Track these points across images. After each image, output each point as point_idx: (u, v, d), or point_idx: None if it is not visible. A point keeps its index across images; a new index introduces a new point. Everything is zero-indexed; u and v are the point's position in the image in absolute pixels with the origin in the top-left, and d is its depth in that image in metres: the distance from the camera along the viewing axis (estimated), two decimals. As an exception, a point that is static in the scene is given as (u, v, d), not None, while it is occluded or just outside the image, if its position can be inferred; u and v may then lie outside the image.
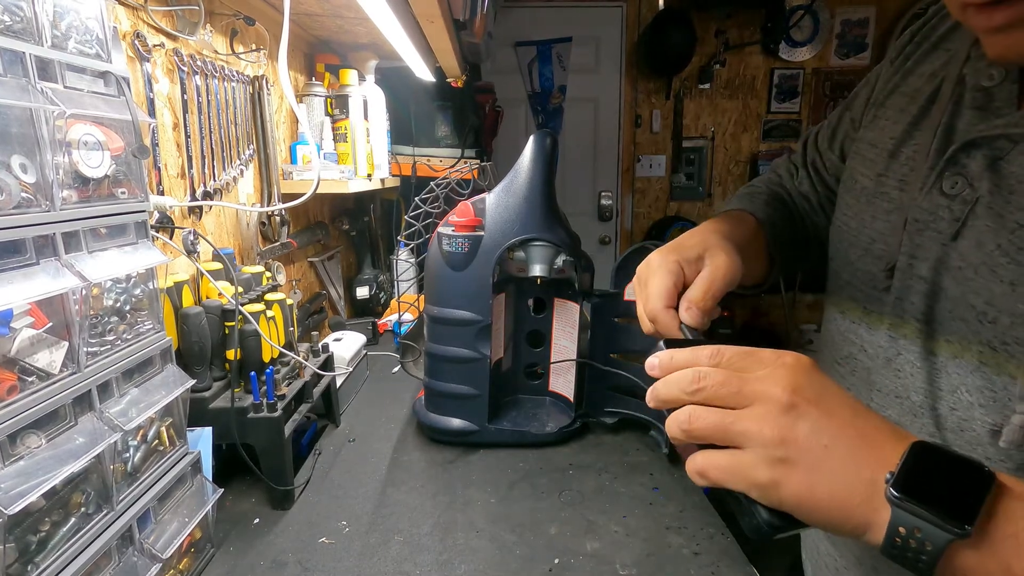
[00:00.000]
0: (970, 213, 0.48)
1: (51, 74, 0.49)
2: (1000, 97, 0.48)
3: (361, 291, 1.68)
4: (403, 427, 1.01)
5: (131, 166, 0.59)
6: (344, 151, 1.39)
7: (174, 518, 0.62)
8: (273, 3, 1.17)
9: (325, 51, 1.54)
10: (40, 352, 0.48)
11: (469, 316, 0.88)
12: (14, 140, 0.45)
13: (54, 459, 0.46)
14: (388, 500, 0.79)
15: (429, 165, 1.80)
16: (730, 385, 0.36)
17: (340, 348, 1.12)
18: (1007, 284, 0.44)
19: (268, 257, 1.17)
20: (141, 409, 0.56)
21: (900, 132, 0.57)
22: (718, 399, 0.36)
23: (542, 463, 0.88)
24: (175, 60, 0.88)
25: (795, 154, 0.77)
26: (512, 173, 0.86)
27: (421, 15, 1.08)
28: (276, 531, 0.73)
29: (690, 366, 0.38)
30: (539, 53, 2.99)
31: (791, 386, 0.35)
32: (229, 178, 1.04)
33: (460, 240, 0.86)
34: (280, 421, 0.77)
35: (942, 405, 0.48)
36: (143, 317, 0.61)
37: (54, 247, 0.49)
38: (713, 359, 0.38)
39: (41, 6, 0.48)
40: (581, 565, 0.66)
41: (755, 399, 0.35)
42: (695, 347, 0.39)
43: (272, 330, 0.84)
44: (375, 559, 0.68)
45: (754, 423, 0.35)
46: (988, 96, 0.49)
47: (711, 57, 3.02)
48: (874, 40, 3.05)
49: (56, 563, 0.47)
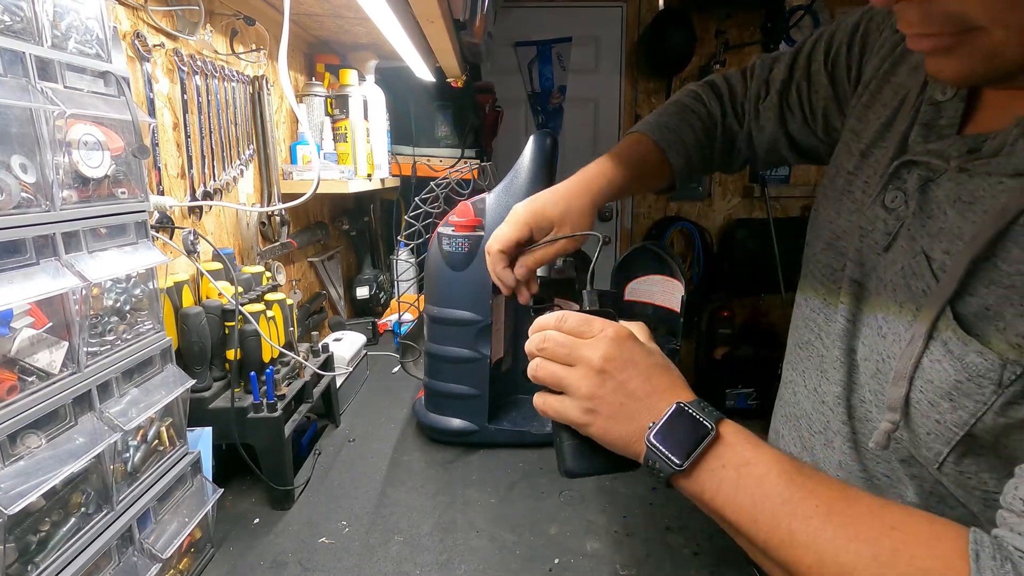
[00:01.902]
0: (900, 230, 0.50)
1: (51, 74, 0.49)
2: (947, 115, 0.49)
3: (361, 291, 1.68)
4: (403, 427, 1.01)
5: (131, 166, 0.59)
6: (344, 151, 1.39)
7: (174, 518, 0.62)
8: (273, 3, 1.17)
9: (325, 51, 1.54)
10: (40, 352, 0.48)
11: (469, 316, 0.88)
12: (14, 140, 0.45)
13: (54, 459, 0.46)
14: (388, 500, 0.79)
15: (429, 165, 1.80)
16: (564, 347, 0.48)
17: (340, 348, 1.12)
18: (897, 305, 0.49)
19: (268, 257, 1.17)
20: (141, 409, 0.56)
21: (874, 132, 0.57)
22: (556, 357, 0.49)
23: (542, 463, 0.88)
24: (175, 60, 0.88)
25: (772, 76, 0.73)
26: (512, 173, 0.86)
27: (421, 15, 1.08)
28: (276, 531, 0.73)
29: (542, 329, 0.51)
30: (539, 53, 2.99)
31: (605, 355, 0.47)
32: (229, 178, 1.04)
33: (460, 240, 0.86)
34: (280, 421, 0.77)
35: (854, 398, 0.54)
36: (143, 317, 0.61)
37: (54, 247, 0.49)
38: (557, 324, 0.50)
39: (41, 6, 0.48)
40: (581, 565, 0.66)
41: (579, 361, 0.47)
42: (550, 314, 0.52)
43: (272, 330, 0.84)
44: (375, 559, 0.68)
45: (575, 380, 0.47)
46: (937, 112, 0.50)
47: (711, 57, 3.02)
48: (874, 40, 3.05)
49: (56, 563, 0.47)
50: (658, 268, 0.94)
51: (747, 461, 0.42)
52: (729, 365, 2.98)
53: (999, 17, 0.36)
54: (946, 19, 0.38)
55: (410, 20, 1.10)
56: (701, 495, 0.43)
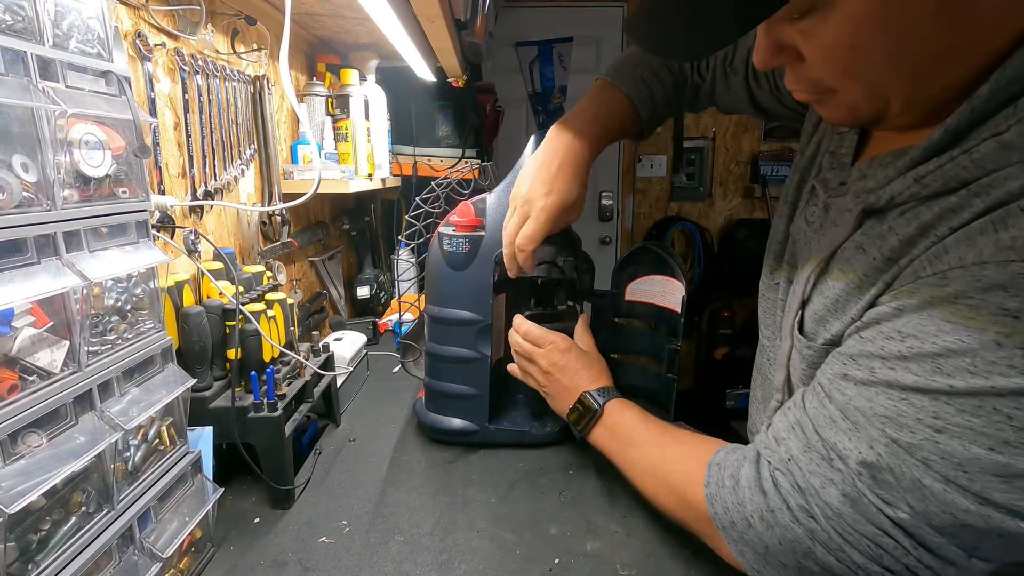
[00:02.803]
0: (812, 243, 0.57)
1: (52, 73, 0.49)
2: (846, 144, 0.57)
3: (362, 291, 1.68)
4: (403, 427, 1.01)
5: (132, 165, 0.59)
6: (345, 151, 1.39)
7: (174, 517, 0.62)
8: (274, 3, 1.17)
9: (326, 51, 1.54)
10: (41, 351, 0.48)
11: (469, 316, 0.88)
12: (15, 139, 0.45)
13: (55, 458, 0.46)
14: (388, 500, 0.80)
15: (430, 165, 1.80)
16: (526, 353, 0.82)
17: (340, 348, 1.12)
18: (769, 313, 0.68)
19: (269, 257, 1.17)
20: (142, 408, 0.56)
21: (809, 152, 0.64)
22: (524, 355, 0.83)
23: (542, 463, 0.88)
24: (176, 60, 0.88)
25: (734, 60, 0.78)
26: (513, 173, 0.86)
27: (422, 15, 1.08)
28: (276, 531, 0.73)
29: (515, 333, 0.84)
30: (540, 53, 2.99)
31: (550, 362, 0.79)
32: (230, 177, 1.04)
33: (461, 240, 0.86)
34: (280, 421, 0.77)
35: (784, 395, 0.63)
36: (144, 316, 0.61)
37: (55, 246, 0.49)
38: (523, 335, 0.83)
39: (43, 5, 0.48)
40: (581, 565, 0.66)
41: (536, 361, 0.80)
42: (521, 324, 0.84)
43: (273, 330, 0.84)
44: (375, 559, 0.68)
45: (534, 373, 0.82)
46: (841, 141, 0.58)
47: (712, 57, 3.01)
48: (875, 40, 3.05)
49: (56, 562, 0.48)
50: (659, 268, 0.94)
51: (616, 423, 0.71)
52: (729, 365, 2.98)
53: (844, 84, 0.44)
54: (810, 83, 0.46)
55: (411, 20, 1.10)
56: (599, 447, 0.73)
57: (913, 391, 0.38)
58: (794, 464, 0.46)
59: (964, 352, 0.36)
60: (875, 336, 0.42)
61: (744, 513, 0.48)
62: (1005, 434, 0.34)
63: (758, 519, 0.47)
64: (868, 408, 0.41)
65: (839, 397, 0.44)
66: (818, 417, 0.45)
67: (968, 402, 0.36)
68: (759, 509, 0.47)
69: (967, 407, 0.36)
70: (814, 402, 0.47)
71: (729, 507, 0.50)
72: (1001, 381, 0.34)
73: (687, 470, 0.57)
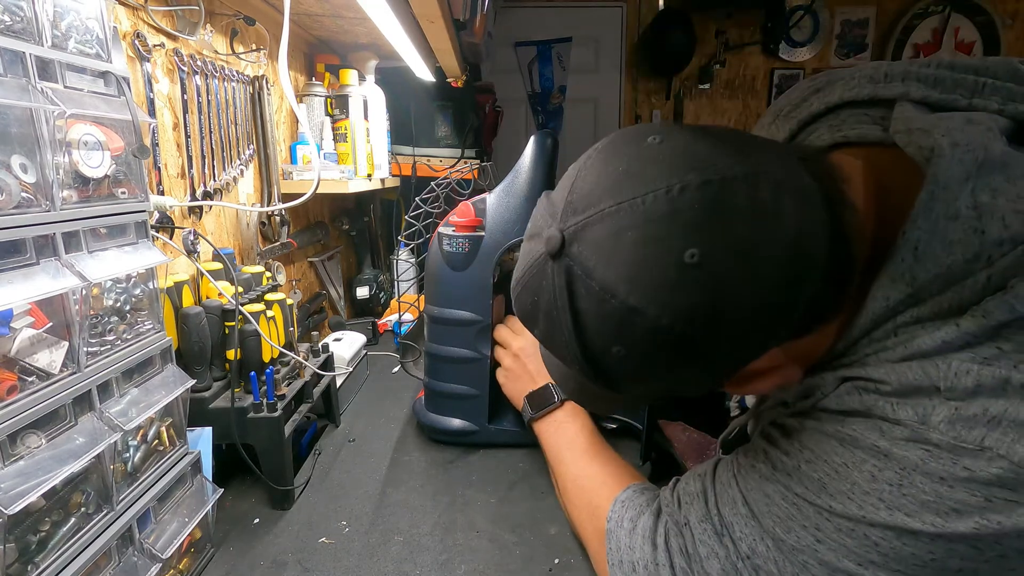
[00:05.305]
0: None
1: (51, 74, 0.49)
2: None
3: (361, 291, 1.68)
4: (403, 427, 1.01)
5: (131, 166, 0.59)
6: (344, 151, 1.39)
7: (174, 518, 0.62)
8: (273, 3, 1.17)
9: (325, 51, 1.54)
10: (40, 352, 0.48)
11: (469, 316, 0.88)
12: (14, 140, 0.45)
13: (54, 459, 0.46)
14: (388, 500, 0.79)
15: (429, 165, 1.79)
16: (505, 338, 0.88)
17: (340, 348, 1.12)
18: None
19: (268, 257, 1.17)
20: (141, 409, 0.56)
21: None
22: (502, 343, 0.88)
23: (542, 463, 0.88)
24: (175, 60, 0.88)
25: None
26: (513, 173, 0.86)
27: (421, 15, 1.08)
28: (276, 531, 0.73)
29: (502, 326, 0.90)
30: (539, 53, 2.99)
31: (519, 349, 0.85)
32: (229, 178, 1.04)
33: (460, 240, 0.86)
34: (280, 421, 0.77)
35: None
36: (143, 317, 0.61)
37: (54, 247, 0.49)
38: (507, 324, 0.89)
39: (41, 6, 0.48)
40: (581, 565, 0.66)
41: (509, 348, 0.87)
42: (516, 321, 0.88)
43: (272, 330, 0.84)
44: (375, 559, 0.68)
45: (503, 356, 0.88)
46: None
47: (711, 57, 3.02)
48: (874, 40, 3.05)
49: (56, 563, 0.47)
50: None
51: (565, 422, 0.75)
52: (729, 365, 2.97)
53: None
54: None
55: (410, 20, 1.10)
56: (540, 436, 0.78)
57: (803, 500, 0.42)
58: (688, 530, 0.49)
59: (846, 478, 0.40)
60: (789, 435, 0.46)
61: (632, 558, 0.53)
62: (871, 556, 0.39)
63: (642, 568, 0.51)
64: (764, 503, 0.45)
65: (743, 484, 0.47)
66: (723, 495, 0.49)
67: (844, 523, 0.40)
68: (645, 559, 0.51)
69: (843, 527, 0.40)
70: (724, 477, 0.50)
71: (622, 547, 0.54)
72: (871, 513, 0.38)
73: (605, 494, 0.61)
